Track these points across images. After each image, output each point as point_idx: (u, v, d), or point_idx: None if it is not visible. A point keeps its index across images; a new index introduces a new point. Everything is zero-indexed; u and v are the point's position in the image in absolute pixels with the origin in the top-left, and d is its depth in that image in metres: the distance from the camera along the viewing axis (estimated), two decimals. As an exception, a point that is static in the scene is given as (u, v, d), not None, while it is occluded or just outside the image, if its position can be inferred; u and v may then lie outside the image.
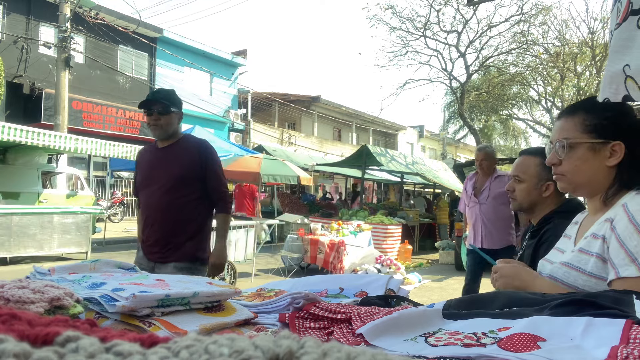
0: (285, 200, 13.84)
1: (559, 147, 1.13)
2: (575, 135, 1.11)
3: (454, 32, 16.82)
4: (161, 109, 2.47)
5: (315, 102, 22.96)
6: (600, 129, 1.09)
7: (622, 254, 0.95)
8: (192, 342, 0.30)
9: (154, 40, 16.79)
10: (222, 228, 2.66)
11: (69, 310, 0.66)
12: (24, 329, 0.31)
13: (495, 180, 4.28)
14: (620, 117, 1.11)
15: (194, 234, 2.53)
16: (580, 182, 1.13)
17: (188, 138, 2.69)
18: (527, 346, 0.58)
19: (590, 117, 1.11)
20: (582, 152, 1.10)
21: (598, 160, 1.09)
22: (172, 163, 2.54)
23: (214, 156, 2.65)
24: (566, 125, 1.14)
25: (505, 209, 4.14)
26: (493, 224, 4.20)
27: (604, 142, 1.08)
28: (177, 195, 2.51)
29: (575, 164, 1.11)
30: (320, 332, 0.75)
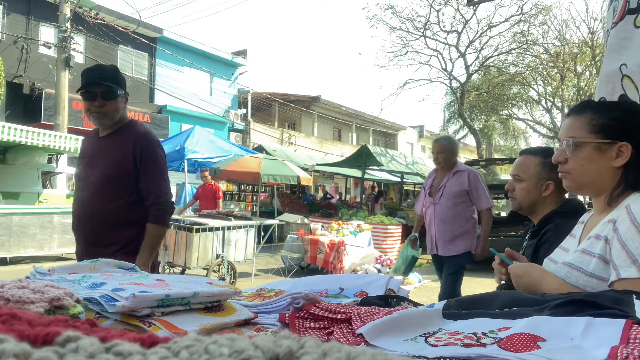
0: (285, 200, 13.84)
1: (566, 146, 1.13)
2: (581, 134, 1.11)
3: (454, 32, 16.83)
4: (107, 94, 2.04)
5: (315, 102, 22.95)
6: (607, 129, 1.08)
7: (624, 256, 0.95)
8: (192, 342, 0.30)
9: (154, 40, 16.79)
10: (149, 243, 2.11)
11: (69, 310, 0.66)
12: (24, 329, 0.31)
13: (453, 177, 3.73)
14: (628, 117, 1.10)
15: (125, 245, 2.09)
16: (585, 182, 1.12)
17: (131, 126, 2.19)
18: (527, 346, 0.58)
19: (597, 116, 1.10)
20: (588, 151, 1.10)
21: (604, 161, 1.08)
22: (105, 157, 2.12)
23: (153, 150, 2.18)
24: (574, 124, 1.14)
25: (464, 209, 3.69)
26: (448, 226, 3.68)
27: (610, 143, 1.07)
28: (107, 198, 2.08)
29: (580, 163, 1.11)
30: (320, 332, 0.75)
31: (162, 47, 16.89)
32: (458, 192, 3.67)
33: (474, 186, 3.69)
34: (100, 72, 2.10)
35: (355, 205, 13.75)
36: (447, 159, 3.77)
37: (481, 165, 10.35)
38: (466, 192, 3.68)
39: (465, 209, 3.70)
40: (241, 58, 20.30)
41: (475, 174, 3.77)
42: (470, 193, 3.69)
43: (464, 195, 3.69)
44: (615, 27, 1.68)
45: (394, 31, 16.85)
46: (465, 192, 3.68)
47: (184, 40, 17.74)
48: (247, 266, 7.24)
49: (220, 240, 6.38)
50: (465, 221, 3.70)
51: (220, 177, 10.22)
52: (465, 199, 3.69)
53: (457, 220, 3.68)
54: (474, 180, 3.71)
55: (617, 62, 1.62)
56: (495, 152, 29.84)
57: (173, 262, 6.19)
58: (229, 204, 9.38)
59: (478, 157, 18.96)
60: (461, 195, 3.68)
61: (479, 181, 3.74)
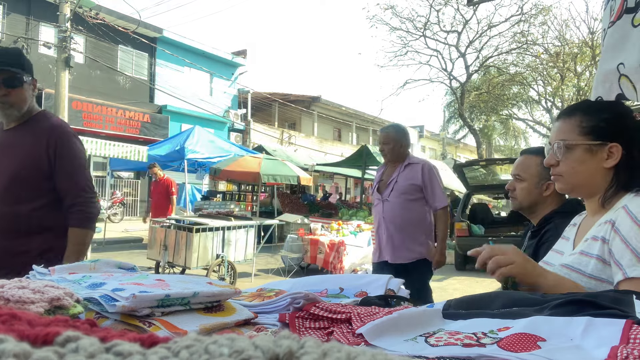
0: (285, 200, 13.84)
1: (557, 149, 1.14)
2: (572, 136, 1.12)
3: (454, 32, 16.83)
4: (11, 80, 1.77)
5: (315, 102, 22.96)
6: (597, 131, 1.09)
7: (629, 255, 0.95)
8: (192, 342, 0.30)
9: (154, 40, 16.80)
10: (73, 251, 1.86)
11: (69, 310, 0.66)
12: (24, 329, 0.31)
13: (404, 171, 3.21)
14: (617, 119, 1.11)
15: (38, 254, 1.80)
16: (577, 184, 1.13)
17: (41, 118, 1.93)
18: (527, 346, 0.58)
19: (587, 118, 1.11)
20: (579, 153, 1.11)
21: (595, 162, 1.09)
22: (12, 154, 1.84)
23: (68, 144, 1.92)
24: (564, 127, 1.14)
25: (416, 208, 3.15)
26: (398, 228, 3.12)
27: (601, 144, 1.08)
28: (15, 201, 1.81)
29: (572, 166, 1.11)
30: (320, 332, 0.75)
31: (162, 47, 16.89)
32: (410, 188, 3.13)
33: (428, 180, 3.16)
34: (1, 56, 1.78)
35: (356, 205, 13.75)
36: (393, 151, 3.25)
37: (481, 165, 10.35)
38: (419, 187, 3.15)
39: (418, 207, 3.17)
40: (241, 58, 20.31)
41: (431, 167, 3.25)
42: (425, 189, 3.16)
43: (417, 191, 3.16)
44: (612, 27, 1.68)
45: (394, 31, 16.86)
46: (418, 187, 3.15)
47: (184, 40, 17.75)
48: (247, 266, 7.24)
49: (220, 240, 6.38)
50: (419, 221, 3.17)
51: (220, 177, 10.23)
52: (419, 196, 3.16)
53: (408, 220, 3.13)
54: (429, 173, 3.19)
55: (615, 61, 1.63)
56: (495, 152, 29.86)
57: (173, 262, 6.20)
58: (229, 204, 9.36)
59: (478, 157, 18.98)
60: (414, 192, 3.14)
61: (435, 175, 3.22)
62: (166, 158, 10.85)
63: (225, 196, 15.31)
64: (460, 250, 8.72)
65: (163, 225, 6.55)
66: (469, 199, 9.92)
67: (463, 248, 8.69)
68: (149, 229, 6.78)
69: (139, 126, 15.75)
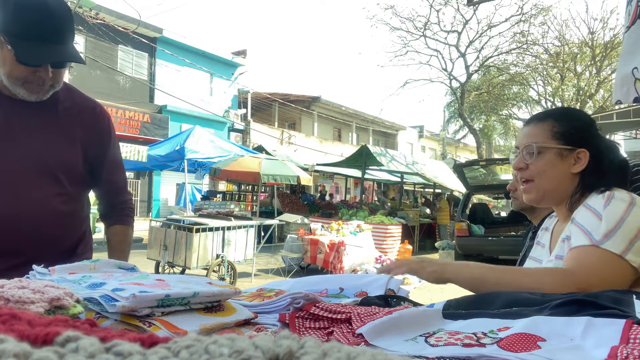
0: (285, 200, 13.84)
1: (527, 153, 1.17)
2: (544, 140, 1.15)
3: (454, 32, 16.83)
4: (62, 62, 1.36)
5: (315, 102, 22.96)
6: (568, 136, 1.13)
7: (579, 232, 1.00)
8: (192, 342, 0.30)
9: (154, 40, 16.79)
10: (125, 249, 1.65)
11: (69, 311, 0.66)
12: (24, 329, 0.32)
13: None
14: (586, 127, 1.16)
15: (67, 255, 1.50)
16: (548, 188, 1.15)
17: (69, 92, 1.53)
18: (527, 346, 0.58)
19: (559, 124, 1.15)
20: (550, 156, 1.14)
21: (565, 166, 1.13)
22: (41, 135, 1.42)
23: (113, 131, 1.64)
24: (535, 131, 1.18)
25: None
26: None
27: (570, 149, 1.13)
28: (48, 193, 1.42)
29: (543, 168, 1.14)
30: (320, 332, 0.75)
31: (162, 47, 16.89)
32: None
33: None
34: (60, 23, 1.31)
35: (356, 205, 13.75)
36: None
37: (481, 165, 10.36)
38: None
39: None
40: (241, 58, 20.30)
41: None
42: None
43: None
44: (628, 32, 1.70)
45: (394, 31, 16.87)
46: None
47: (184, 40, 17.75)
48: (247, 266, 7.23)
49: (220, 240, 6.38)
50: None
51: (220, 177, 10.23)
52: None
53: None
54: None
55: (630, 65, 1.65)
56: (495, 152, 29.86)
57: (173, 262, 6.19)
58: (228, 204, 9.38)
59: (478, 157, 18.97)
60: None
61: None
62: (166, 158, 10.85)
63: (225, 196, 15.32)
64: (461, 250, 8.73)
65: (163, 225, 6.55)
66: (469, 199, 9.92)
67: (463, 248, 8.69)
68: (149, 228, 6.78)
69: (139, 126, 15.75)
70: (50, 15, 1.29)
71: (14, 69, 1.29)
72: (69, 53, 1.34)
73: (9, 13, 1.26)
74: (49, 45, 1.29)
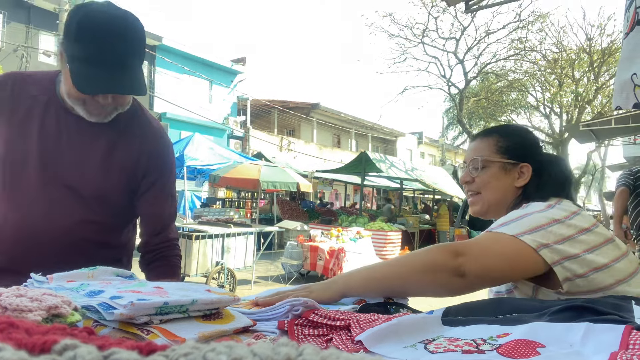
0: (284, 207, 13.83)
1: (472, 167, 1.22)
2: (489, 154, 1.20)
3: (452, 39, 16.91)
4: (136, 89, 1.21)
5: (315, 109, 23.02)
6: (511, 151, 1.19)
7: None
8: (190, 349, 0.30)
9: (154, 48, 16.86)
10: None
11: (67, 319, 0.66)
12: (22, 337, 0.31)
13: None
14: (529, 142, 1.22)
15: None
16: (493, 200, 1.20)
17: (134, 112, 1.39)
18: (527, 352, 0.58)
19: (503, 139, 1.21)
20: (495, 170, 1.19)
21: (509, 180, 1.18)
22: (86, 155, 1.31)
23: (171, 161, 1.49)
24: (481, 146, 1.23)
25: None
26: None
27: (514, 163, 1.18)
28: (79, 218, 1.31)
29: (488, 181, 1.19)
30: (319, 339, 0.75)
31: (161, 54, 16.96)
32: None
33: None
34: (125, 46, 1.16)
35: (355, 212, 13.73)
36: None
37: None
38: None
39: None
40: (240, 65, 20.38)
41: None
42: None
43: None
44: (627, 38, 1.71)
45: (393, 38, 16.95)
46: None
47: (184, 48, 17.82)
48: (247, 273, 7.21)
49: (220, 247, 6.37)
50: None
51: (219, 184, 10.22)
52: None
53: None
54: None
55: (629, 71, 1.66)
56: (494, 158, 29.83)
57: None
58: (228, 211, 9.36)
59: (477, 163, 18.91)
60: None
61: None
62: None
63: (224, 203, 15.29)
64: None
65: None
66: (468, 205, 9.91)
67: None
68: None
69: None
70: (115, 38, 1.14)
71: (72, 90, 1.19)
72: (129, 83, 1.18)
73: (71, 32, 1.13)
74: (112, 72, 1.15)
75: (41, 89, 1.31)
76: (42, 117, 1.28)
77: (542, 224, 0.96)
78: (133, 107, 1.38)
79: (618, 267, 0.96)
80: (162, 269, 1.42)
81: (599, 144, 17.34)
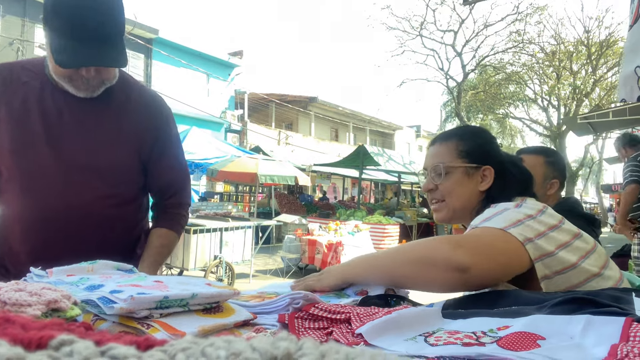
0: (282, 200, 13.84)
1: (435, 173, 1.18)
2: (451, 159, 1.16)
3: (450, 31, 16.87)
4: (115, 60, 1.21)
5: (312, 103, 22.96)
6: (472, 155, 1.15)
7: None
8: (188, 344, 0.30)
9: (150, 41, 16.76)
10: (163, 253, 1.45)
11: (66, 313, 0.65)
12: (18, 333, 0.31)
13: None
14: (489, 144, 1.19)
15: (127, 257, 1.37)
16: (457, 206, 1.17)
17: (126, 84, 1.42)
18: (527, 345, 0.58)
19: (463, 143, 1.17)
20: (457, 175, 1.15)
21: (472, 184, 1.15)
22: (92, 132, 1.32)
23: (172, 126, 1.53)
24: (441, 151, 1.19)
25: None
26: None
27: (476, 167, 1.15)
28: (97, 194, 1.33)
29: (452, 187, 1.16)
30: (319, 332, 0.75)
31: (158, 48, 16.86)
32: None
33: None
34: (104, 19, 1.16)
35: (353, 206, 13.75)
36: None
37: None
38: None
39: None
40: (237, 59, 20.28)
41: None
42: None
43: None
44: (631, 30, 1.71)
45: (391, 30, 16.89)
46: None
47: (180, 41, 17.71)
48: (245, 267, 7.23)
49: (218, 241, 6.37)
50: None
51: (217, 178, 10.22)
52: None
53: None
54: None
55: (633, 64, 1.66)
56: (492, 151, 29.88)
57: (171, 264, 6.18)
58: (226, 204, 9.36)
59: (475, 156, 18.94)
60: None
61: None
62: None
63: (222, 197, 15.30)
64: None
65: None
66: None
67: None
68: (146, 230, 6.75)
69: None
70: (90, 11, 1.13)
71: (56, 67, 1.20)
72: (107, 55, 1.18)
73: (48, 8, 1.16)
74: (90, 45, 1.14)
75: (32, 75, 1.32)
76: (39, 101, 1.29)
77: (520, 219, 0.94)
78: (126, 80, 1.42)
79: (588, 263, 0.94)
80: (163, 222, 1.48)
81: (597, 137, 17.37)
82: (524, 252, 0.90)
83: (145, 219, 1.55)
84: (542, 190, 1.77)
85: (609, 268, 0.98)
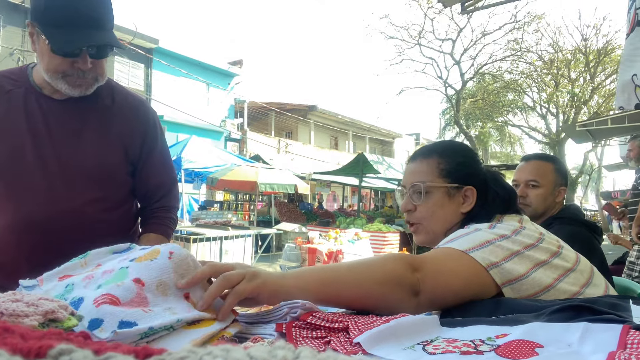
0: (282, 209, 13.82)
1: (413, 193, 1.10)
2: (431, 179, 1.08)
3: (449, 40, 16.98)
4: (101, 50, 1.26)
5: (312, 111, 23.03)
6: (454, 174, 1.08)
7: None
8: (186, 353, 0.30)
9: (150, 51, 16.85)
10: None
11: (64, 324, 0.65)
12: (17, 343, 0.31)
13: None
14: (471, 162, 1.11)
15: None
16: (438, 230, 1.09)
17: (111, 88, 1.43)
18: (525, 353, 0.58)
19: (444, 161, 1.09)
20: (438, 196, 1.08)
21: (453, 206, 1.07)
22: (79, 136, 1.33)
23: (159, 130, 1.52)
24: (421, 168, 1.11)
25: None
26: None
27: (458, 187, 1.07)
28: (86, 199, 1.33)
29: (432, 210, 1.08)
30: (317, 341, 0.75)
31: (158, 57, 16.94)
32: None
33: None
34: (95, 6, 1.21)
35: (353, 214, 13.73)
36: None
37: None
38: None
39: None
40: (237, 68, 20.38)
41: None
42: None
43: None
44: (627, 39, 1.73)
45: (389, 39, 17.00)
46: None
47: (180, 50, 17.80)
48: (245, 276, 7.19)
49: (218, 250, 6.36)
50: None
51: (217, 187, 10.22)
52: None
53: None
54: None
55: (630, 72, 1.68)
56: (492, 158, 29.95)
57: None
58: (226, 213, 9.36)
59: (474, 163, 18.96)
60: None
61: None
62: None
63: (222, 206, 15.28)
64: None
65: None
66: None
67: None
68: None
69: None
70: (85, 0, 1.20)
71: (51, 60, 1.22)
72: (104, 37, 1.22)
73: (40, 2, 1.18)
74: (85, 31, 1.19)
75: (15, 83, 1.32)
76: (24, 107, 1.30)
77: (491, 239, 0.89)
78: (112, 85, 1.43)
79: (567, 282, 0.89)
80: (152, 227, 1.49)
81: (596, 144, 17.41)
82: (486, 277, 0.85)
83: (135, 223, 1.55)
84: (551, 197, 1.76)
85: (592, 285, 0.92)
